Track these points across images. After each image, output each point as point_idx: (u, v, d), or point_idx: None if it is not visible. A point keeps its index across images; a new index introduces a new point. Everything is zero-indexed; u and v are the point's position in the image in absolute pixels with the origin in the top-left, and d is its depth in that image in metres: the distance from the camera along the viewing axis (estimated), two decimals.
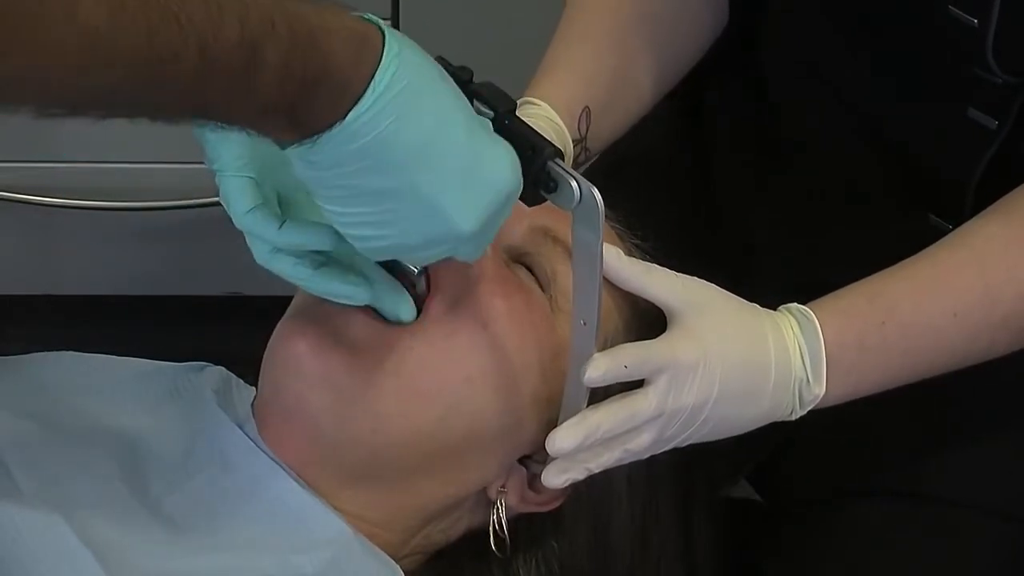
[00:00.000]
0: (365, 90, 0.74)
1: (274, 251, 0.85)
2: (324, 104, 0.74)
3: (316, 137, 0.75)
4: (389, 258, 0.84)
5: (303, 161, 0.77)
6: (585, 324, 0.87)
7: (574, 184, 0.83)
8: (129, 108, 0.70)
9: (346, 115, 0.74)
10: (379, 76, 0.75)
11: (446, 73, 0.81)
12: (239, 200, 0.84)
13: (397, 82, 0.75)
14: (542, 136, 0.85)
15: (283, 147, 0.77)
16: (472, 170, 0.79)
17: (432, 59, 0.80)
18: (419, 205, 0.78)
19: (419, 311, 0.90)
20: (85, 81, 0.67)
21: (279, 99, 0.73)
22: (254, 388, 0.98)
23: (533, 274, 0.94)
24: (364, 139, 0.75)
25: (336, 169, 0.77)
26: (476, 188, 0.80)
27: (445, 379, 0.90)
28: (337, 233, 0.83)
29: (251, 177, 0.84)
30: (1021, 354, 0.99)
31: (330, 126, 0.75)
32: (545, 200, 0.85)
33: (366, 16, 0.77)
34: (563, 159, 0.85)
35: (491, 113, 0.85)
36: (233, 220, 0.85)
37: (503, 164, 0.81)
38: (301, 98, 0.73)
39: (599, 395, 0.89)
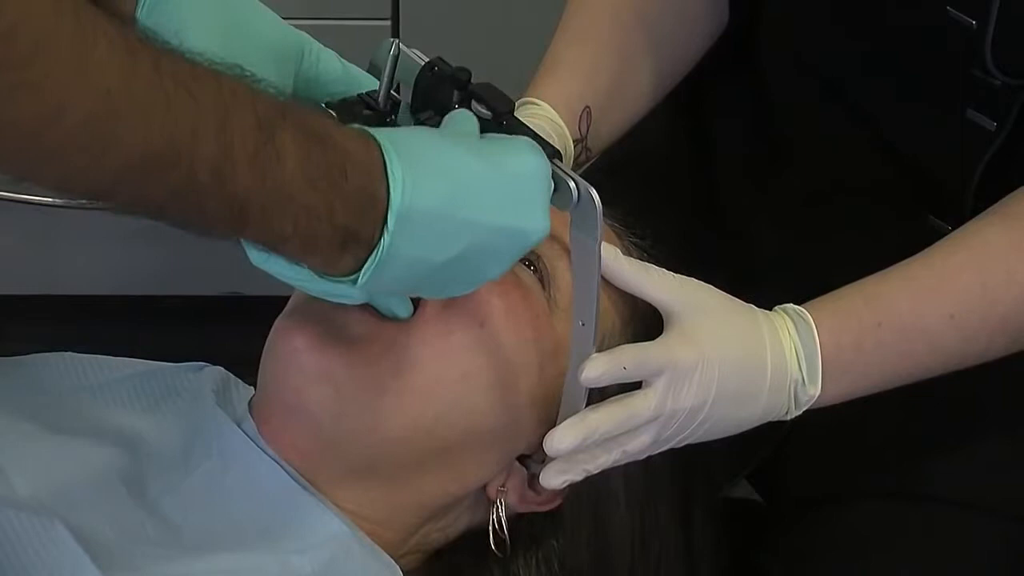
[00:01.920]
0: (388, 186, 0.75)
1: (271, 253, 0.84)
2: (361, 206, 0.75)
3: (374, 252, 0.75)
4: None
5: (375, 283, 0.77)
6: (583, 325, 0.87)
7: (572, 185, 0.83)
8: (154, 197, 0.69)
9: (386, 217, 0.75)
10: (391, 167, 0.75)
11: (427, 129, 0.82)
12: None
13: (408, 165, 0.76)
14: (540, 136, 0.85)
15: (354, 281, 0.77)
16: (510, 181, 0.80)
17: (409, 129, 0.81)
18: (496, 240, 0.80)
19: (415, 309, 0.90)
20: (102, 151, 0.66)
21: (313, 197, 0.72)
22: (253, 388, 0.98)
23: (532, 272, 0.94)
24: (415, 228, 0.76)
25: (409, 270, 0.78)
26: (524, 192, 0.81)
27: (442, 376, 0.90)
28: None
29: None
30: (1020, 355, 0.99)
31: (379, 233, 0.75)
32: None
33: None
34: (561, 159, 0.85)
35: (489, 114, 0.85)
36: None
37: (525, 157, 0.82)
38: (336, 199, 0.73)
39: (597, 396, 0.89)
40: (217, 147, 0.68)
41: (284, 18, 0.91)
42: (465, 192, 0.78)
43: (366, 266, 0.76)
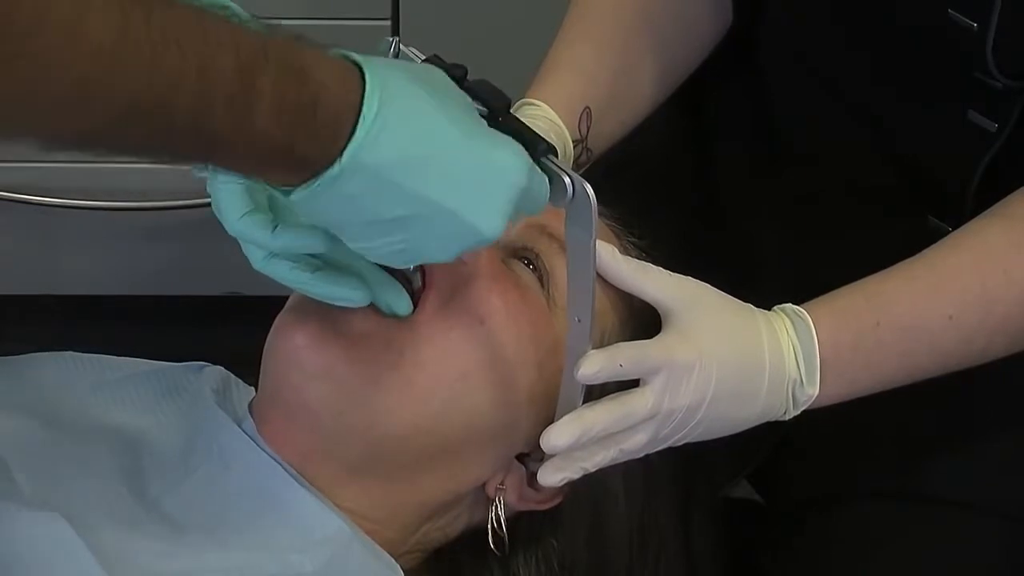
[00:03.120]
0: (356, 122, 0.75)
1: (270, 256, 0.85)
2: (322, 138, 0.75)
3: (317, 177, 0.75)
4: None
5: (307, 205, 0.77)
6: (580, 321, 0.87)
7: (567, 180, 0.83)
8: (133, 142, 0.71)
9: (343, 152, 0.75)
10: (366, 108, 0.75)
11: (440, 78, 0.81)
12: (231, 207, 0.84)
13: (385, 109, 0.75)
14: (535, 132, 0.85)
15: (287, 194, 0.77)
16: (481, 171, 0.79)
17: (419, 75, 0.80)
18: (441, 221, 0.79)
19: (415, 307, 0.90)
20: (90, 107, 0.67)
21: (277, 132, 0.73)
22: (253, 388, 0.98)
23: (531, 271, 0.94)
24: (365, 174, 0.76)
25: (348, 207, 0.77)
26: (490, 188, 0.80)
27: (441, 374, 0.90)
28: (330, 235, 0.83)
29: (242, 183, 0.84)
30: (1020, 355, 0.99)
31: (329, 164, 0.75)
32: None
33: (343, 52, 0.77)
34: (556, 155, 0.85)
35: (485, 111, 0.85)
36: (226, 227, 0.85)
37: (508, 155, 0.81)
38: (299, 131, 0.74)
39: (595, 394, 0.89)
40: (197, 96, 0.70)
41: (284, 18, 0.91)
42: (426, 161, 0.77)
43: (303, 186, 0.76)
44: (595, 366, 0.86)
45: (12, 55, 0.63)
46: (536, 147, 0.84)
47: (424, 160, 0.77)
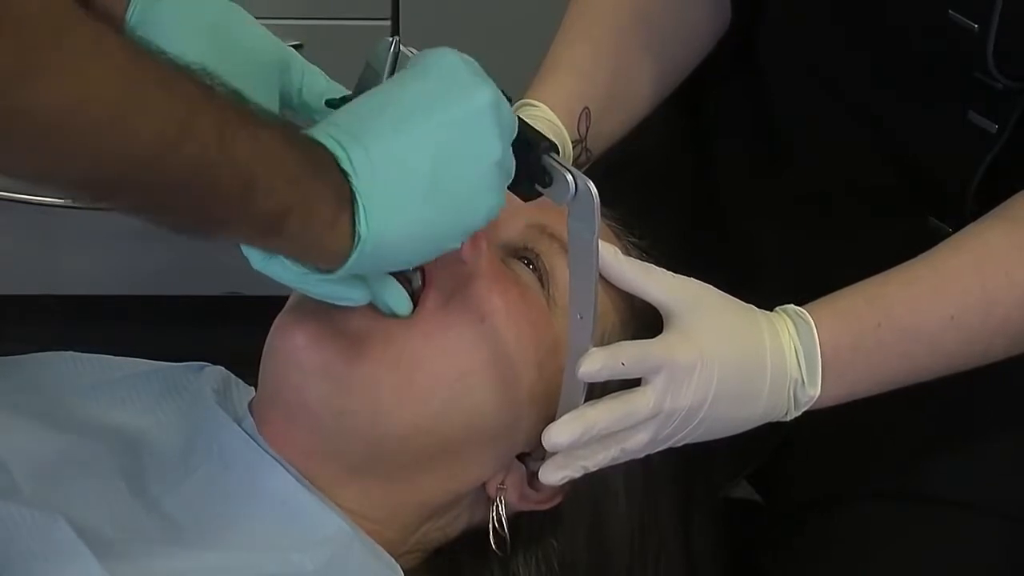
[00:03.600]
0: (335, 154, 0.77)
1: (270, 256, 0.85)
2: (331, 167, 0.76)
3: (358, 240, 0.77)
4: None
5: (375, 253, 0.79)
6: (581, 318, 0.87)
7: (569, 178, 0.83)
8: (167, 184, 0.71)
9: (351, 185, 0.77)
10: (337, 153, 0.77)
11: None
12: None
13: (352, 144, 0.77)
14: (537, 131, 0.85)
15: (359, 246, 0.78)
16: (441, 74, 0.81)
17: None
18: (455, 127, 0.80)
19: (415, 307, 0.91)
20: (121, 137, 0.67)
21: (298, 156, 0.75)
22: (253, 388, 0.98)
23: (531, 271, 0.94)
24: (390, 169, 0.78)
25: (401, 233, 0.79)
26: (456, 75, 0.81)
27: (442, 374, 0.90)
28: None
29: None
30: (1020, 356, 0.99)
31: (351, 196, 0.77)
32: (540, 195, 0.85)
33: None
34: (558, 153, 0.85)
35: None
36: None
37: (449, 57, 0.82)
38: (312, 157, 0.76)
39: (596, 394, 0.89)
40: (215, 119, 0.70)
41: (284, 18, 0.91)
42: (397, 102, 0.80)
43: (358, 218, 0.77)
44: (596, 364, 0.86)
45: (39, 66, 0.63)
46: (537, 145, 0.84)
47: (398, 102, 0.80)
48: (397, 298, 0.89)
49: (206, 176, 0.71)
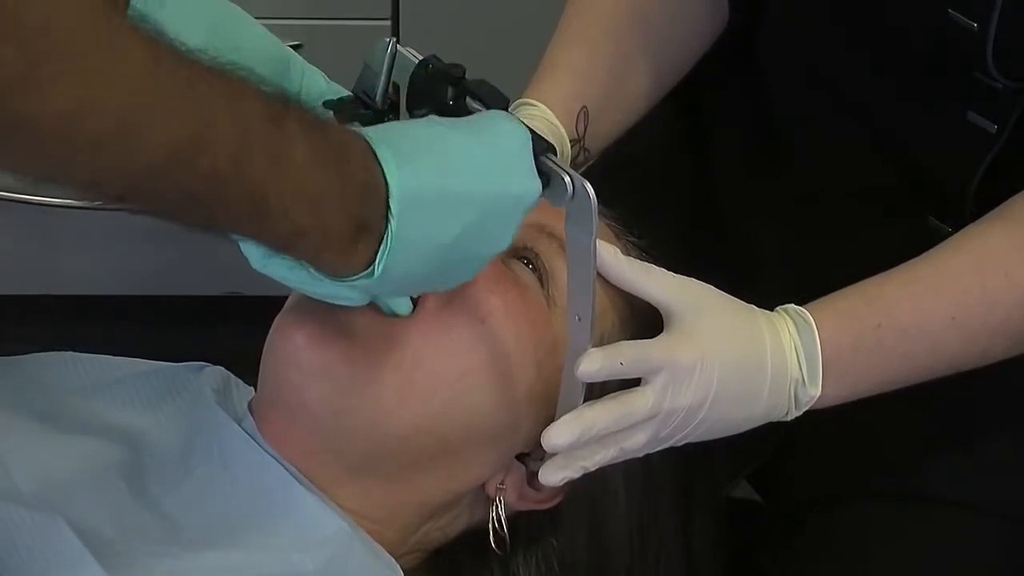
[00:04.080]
0: (385, 181, 0.76)
1: (269, 256, 0.85)
2: (368, 193, 0.75)
3: (383, 239, 0.76)
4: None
5: (390, 272, 0.78)
6: (580, 319, 0.87)
7: (567, 179, 0.83)
8: (177, 191, 0.69)
9: (387, 202, 0.76)
10: (379, 150, 0.76)
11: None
12: None
13: (397, 153, 0.77)
14: (534, 132, 0.85)
15: (371, 274, 0.77)
16: (498, 148, 0.81)
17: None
18: (491, 207, 0.80)
19: (415, 307, 0.91)
20: (132, 146, 0.66)
21: (323, 184, 0.73)
22: (253, 388, 0.98)
23: (531, 271, 0.94)
24: (417, 208, 0.77)
25: (418, 255, 0.78)
26: (508, 157, 0.81)
27: (442, 374, 0.90)
28: None
29: None
30: (1020, 356, 0.99)
31: (384, 220, 0.76)
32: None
33: None
34: (555, 154, 0.85)
35: (483, 110, 0.85)
36: None
37: (502, 124, 0.82)
38: (345, 184, 0.74)
39: (595, 394, 0.89)
40: (234, 135, 0.69)
41: (284, 18, 0.91)
42: (454, 166, 0.79)
43: (379, 255, 0.77)
44: (595, 364, 0.86)
45: (51, 76, 0.63)
46: (535, 146, 0.84)
47: (449, 167, 0.78)
48: (398, 298, 0.89)
49: (216, 192, 0.70)
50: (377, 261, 0.77)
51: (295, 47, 0.94)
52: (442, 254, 0.79)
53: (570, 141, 1.06)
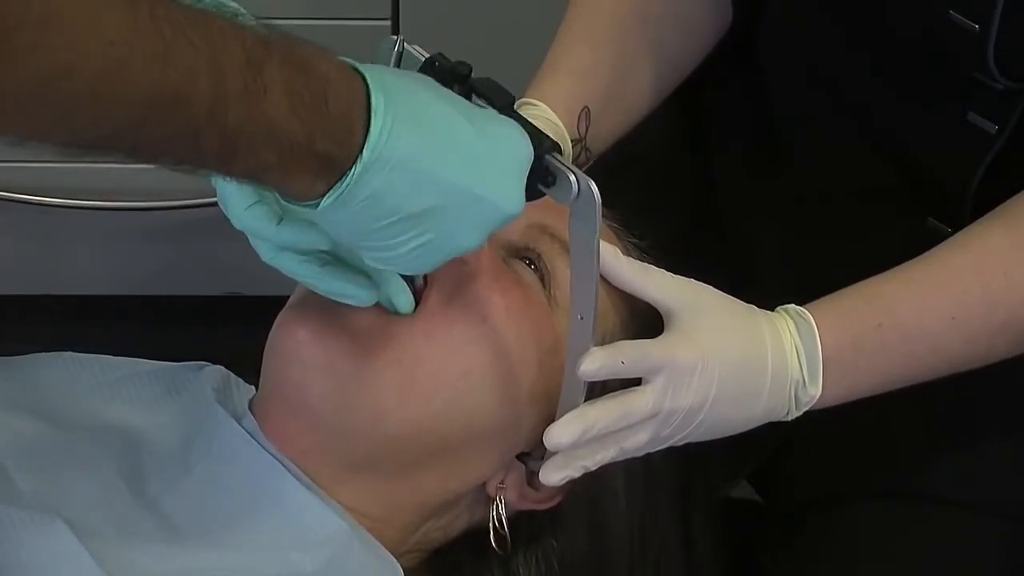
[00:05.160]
0: (369, 118, 0.75)
1: (279, 250, 0.85)
2: (339, 133, 0.75)
3: (343, 177, 0.75)
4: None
5: (335, 213, 0.77)
6: (582, 318, 0.87)
7: (572, 178, 0.83)
8: (152, 143, 0.70)
9: (362, 148, 0.75)
10: (375, 101, 0.75)
11: (426, 79, 0.82)
12: (237, 198, 0.84)
13: (391, 105, 0.76)
14: (540, 130, 0.85)
15: (315, 205, 0.77)
16: (493, 150, 0.80)
17: (407, 74, 0.81)
18: (467, 206, 0.79)
19: (417, 305, 0.91)
20: (109, 103, 0.67)
21: (295, 126, 0.73)
22: (254, 388, 0.98)
23: (533, 271, 0.95)
24: (387, 167, 0.76)
25: (373, 208, 0.77)
26: (503, 164, 0.81)
27: (443, 373, 0.90)
28: None
29: None
30: (1020, 356, 0.99)
31: (351, 163, 0.75)
32: (544, 195, 0.85)
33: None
34: (561, 153, 0.85)
35: (489, 108, 0.85)
36: (231, 219, 0.85)
37: (510, 130, 0.82)
38: (315, 124, 0.73)
39: (597, 393, 0.89)
40: (211, 87, 0.69)
41: (284, 18, 0.90)
42: (445, 147, 0.78)
43: (331, 191, 0.76)
44: (596, 363, 0.87)
45: (29, 45, 0.63)
46: (540, 144, 0.84)
47: (441, 146, 0.78)
48: (400, 295, 0.89)
49: (188, 139, 0.71)
50: (328, 195, 0.76)
51: None
52: (395, 224, 0.78)
53: (571, 141, 1.06)
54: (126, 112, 0.68)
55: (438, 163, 0.77)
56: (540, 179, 0.85)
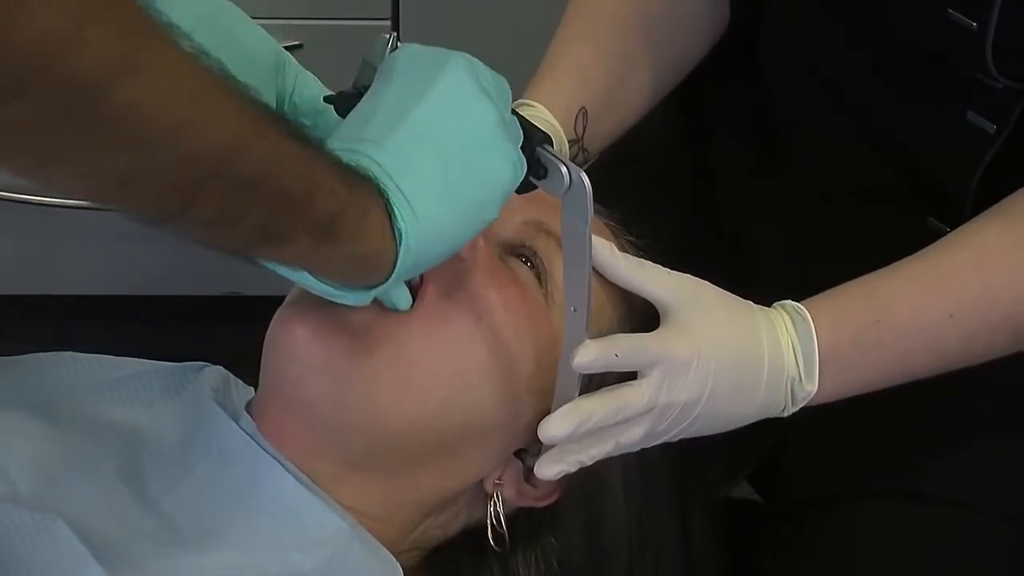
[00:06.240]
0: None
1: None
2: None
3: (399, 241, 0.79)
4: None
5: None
6: (575, 311, 0.87)
7: (564, 169, 0.84)
8: (236, 190, 0.71)
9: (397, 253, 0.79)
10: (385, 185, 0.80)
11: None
12: None
13: (411, 222, 0.80)
14: (531, 123, 0.86)
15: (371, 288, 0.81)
16: (483, 142, 0.83)
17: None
18: (481, 204, 0.83)
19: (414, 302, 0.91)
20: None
21: (345, 190, 0.76)
22: (253, 388, 0.98)
23: (529, 268, 0.95)
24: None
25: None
26: (495, 141, 0.83)
27: (440, 371, 0.90)
28: None
29: None
30: (1020, 355, 0.99)
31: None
32: (535, 187, 0.86)
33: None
34: (552, 145, 0.85)
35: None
36: None
37: (478, 105, 0.83)
38: (359, 191, 0.77)
39: (593, 388, 0.89)
40: (277, 123, 0.71)
41: (284, 18, 0.91)
42: (455, 188, 0.81)
43: (391, 273, 0.80)
44: (590, 355, 0.87)
45: (150, 63, 0.63)
46: (532, 137, 0.84)
47: (455, 189, 0.81)
48: (398, 292, 0.89)
49: (275, 177, 0.71)
50: (396, 217, 0.79)
51: (294, 47, 0.94)
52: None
53: (569, 142, 1.06)
54: (217, 144, 0.68)
55: (458, 202, 0.82)
56: (532, 171, 0.85)
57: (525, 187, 0.85)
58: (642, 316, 0.93)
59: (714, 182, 1.23)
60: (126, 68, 0.61)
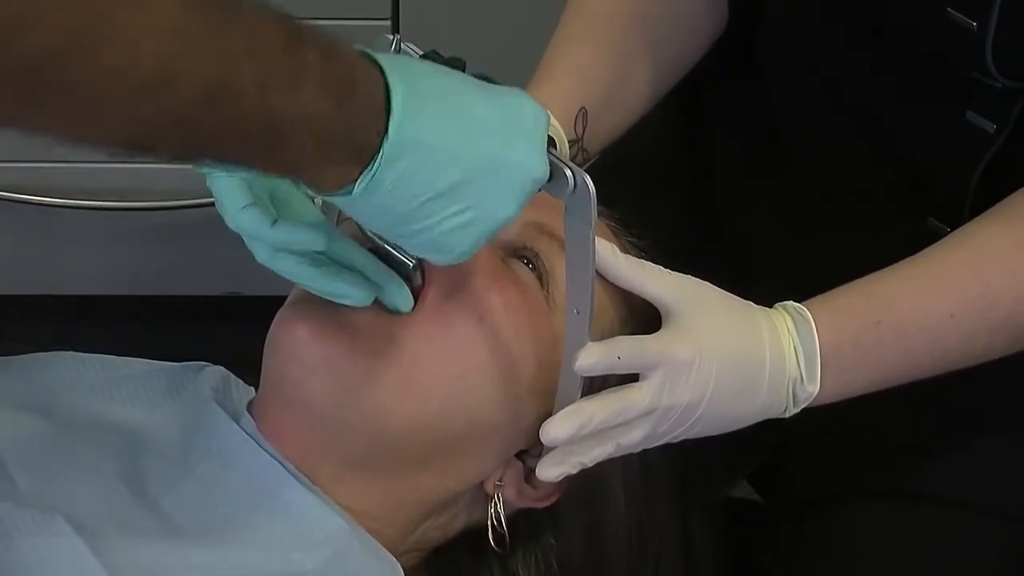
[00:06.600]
0: (389, 100, 0.75)
1: (275, 251, 0.85)
2: (368, 116, 0.75)
3: (373, 161, 0.75)
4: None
5: (368, 200, 0.77)
6: (578, 313, 0.87)
7: (568, 172, 0.84)
8: (207, 134, 0.70)
9: (387, 129, 0.75)
10: (392, 81, 0.75)
11: (431, 63, 0.83)
12: (231, 199, 0.84)
13: (408, 85, 0.76)
14: None
15: (349, 193, 0.77)
16: (511, 117, 0.81)
17: (412, 59, 0.82)
18: (497, 173, 0.79)
19: (416, 303, 0.91)
20: (172, 91, 0.67)
21: (332, 111, 0.73)
22: (253, 388, 0.98)
23: (530, 270, 0.95)
24: (412, 144, 0.76)
25: (403, 190, 0.77)
26: (525, 129, 0.81)
27: (442, 372, 0.90)
28: (329, 232, 0.83)
29: (242, 177, 0.84)
30: (1020, 355, 0.99)
31: (379, 146, 0.75)
32: (539, 190, 0.86)
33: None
34: (556, 147, 0.85)
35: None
36: (226, 220, 0.85)
37: (527, 102, 0.82)
38: (350, 109, 0.74)
39: (595, 389, 0.89)
40: (254, 74, 0.69)
41: None
42: (464, 118, 0.78)
43: (362, 176, 0.76)
44: (592, 357, 0.87)
45: (95, 41, 0.63)
46: None
47: (461, 118, 0.78)
48: (399, 294, 0.89)
49: (237, 128, 0.70)
50: (357, 183, 0.76)
51: None
52: (429, 202, 0.79)
53: (568, 142, 1.06)
54: (182, 102, 0.67)
55: (461, 135, 0.78)
56: None
57: None
58: (643, 317, 0.93)
59: (714, 182, 1.23)
60: (81, 44, 0.62)
